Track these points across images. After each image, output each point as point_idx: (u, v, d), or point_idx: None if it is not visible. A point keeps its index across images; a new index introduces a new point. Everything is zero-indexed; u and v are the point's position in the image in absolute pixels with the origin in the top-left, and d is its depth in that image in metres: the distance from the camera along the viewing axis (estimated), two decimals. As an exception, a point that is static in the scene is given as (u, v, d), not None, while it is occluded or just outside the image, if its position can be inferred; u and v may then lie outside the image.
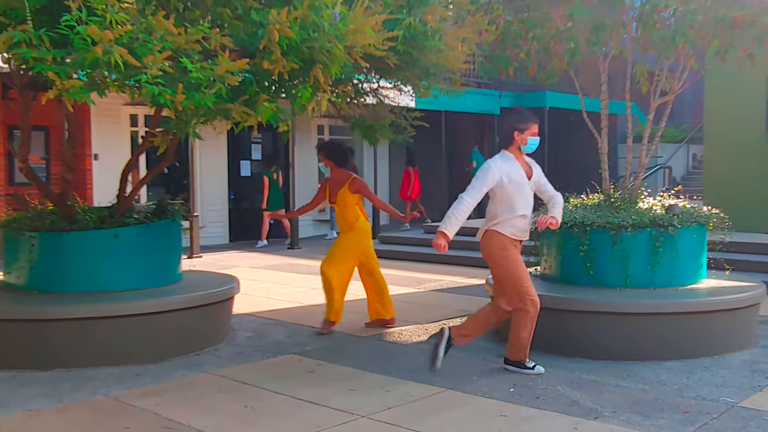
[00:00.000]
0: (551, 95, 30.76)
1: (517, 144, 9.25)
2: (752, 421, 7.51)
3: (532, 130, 9.31)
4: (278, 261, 20.35)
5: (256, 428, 7.40)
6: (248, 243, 24.26)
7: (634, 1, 11.47)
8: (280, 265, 19.38)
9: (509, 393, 8.46)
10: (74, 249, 10.24)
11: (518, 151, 9.34)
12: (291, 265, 18.41)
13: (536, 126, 9.44)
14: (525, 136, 9.18)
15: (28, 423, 7.62)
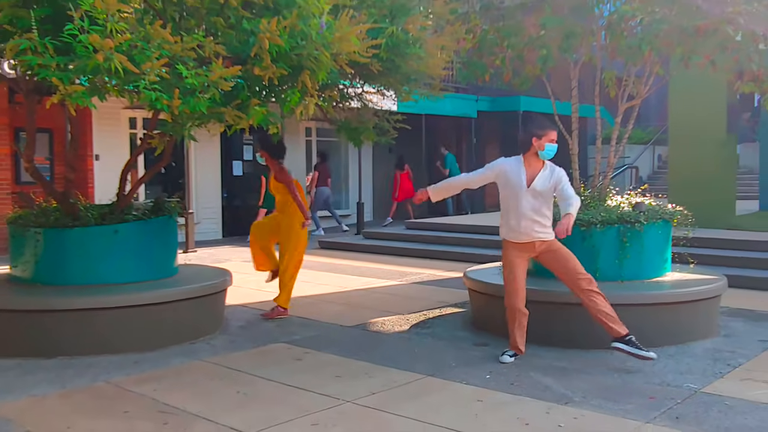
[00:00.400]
0: (525, 99, 30.87)
1: (534, 150, 9.20)
2: (714, 406, 7.54)
3: (550, 137, 9.25)
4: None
5: (248, 413, 7.40)
6: (240, 238, 23.99)
7: (602, 11, 11.52)
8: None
9: (485, 379, 8.48)
10: (76, 244, 10.26)
11: (534, 157, 9.28)
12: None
13: (554, 133, 9.39)
14: (543, 142, 9.14)
15: (33, 407, 7.63)
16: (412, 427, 6.99)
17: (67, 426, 7.05)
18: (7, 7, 8.01)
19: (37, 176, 11.11)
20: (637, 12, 11.05)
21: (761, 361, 9.29)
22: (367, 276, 16.65)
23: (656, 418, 7.21)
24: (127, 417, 7.27)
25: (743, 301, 12.79)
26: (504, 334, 10.11)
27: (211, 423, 7.12)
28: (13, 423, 7.15)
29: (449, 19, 11.72)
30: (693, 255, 12.30)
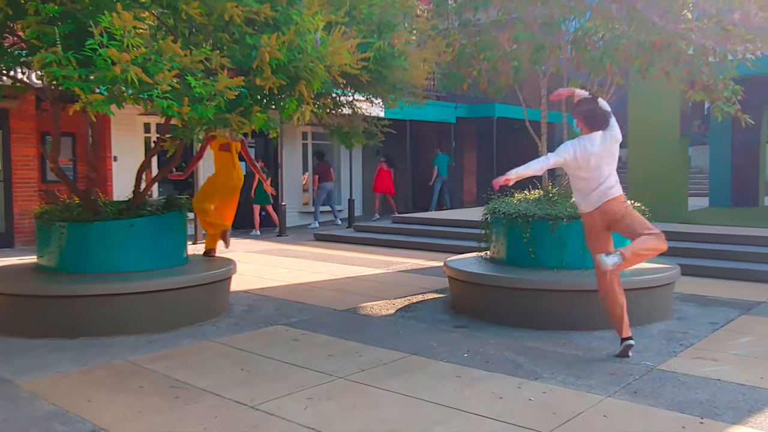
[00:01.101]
0: (499, 107, 30.76)
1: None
2: (668, 381, 7.58)
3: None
4: (269, 246, 20.33)
5: (250, 388, 7.40)
6: (243, 231, 24.11)
7: (569, 27, 11.55)
8: (270, 250, 19.37)
9: (464, 358, 8.49)
10: (97, 236, 10.27)
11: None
12: (280, 250, 18.40)
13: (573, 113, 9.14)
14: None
15: (58, 383, 7.63)
16: (398, 400, 6.99)
17: (88, 400, 7.05)
18: (35, 24, 8.02)
19: (61, 176, 11.12)
20: (600, 28, 11.20)
21: (710, 341, 9.32)
22: (357, 265, 16.62)
23: (616, 392, 7.23)
24: (142, 392, 7.28)
25: (695, 288, 12.86)
26: (480, 317, 10.33)
27: (217, 397, 7.13)
28: (39, 397, 7.16)
29: (431, 35, 11.82)
30: None
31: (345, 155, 28.52)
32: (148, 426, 6.38)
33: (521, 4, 11.33)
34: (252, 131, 8.99)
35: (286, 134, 25.70)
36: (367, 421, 6.44)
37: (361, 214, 29.39)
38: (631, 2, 10.66)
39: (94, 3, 8.11)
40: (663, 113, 20.08)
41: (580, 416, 6.57)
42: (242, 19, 8.37)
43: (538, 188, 11.97)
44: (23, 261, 13.68)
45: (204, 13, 8.36)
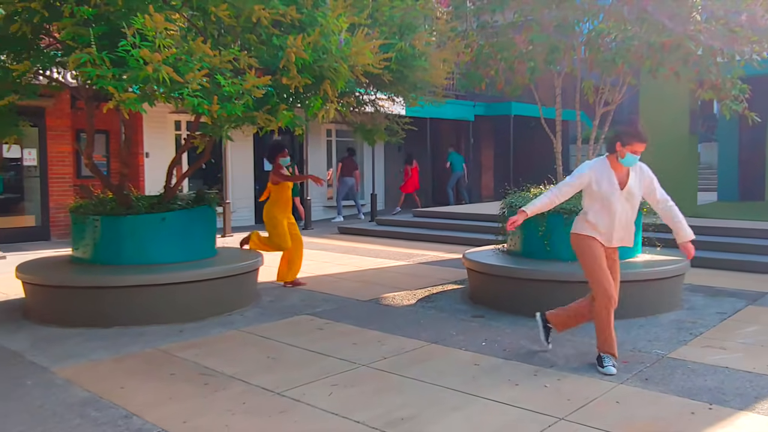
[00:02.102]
0: (516, 105, 30.80)
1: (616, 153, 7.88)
2: (678, 369, 7.55)
3: (634, 148, 7.86)
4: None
5: (276, 375, 7.41)
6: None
7: (582, 29, 11.55)
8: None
9: (481, 346, 8.47)
10: (129, 229, 10.28)
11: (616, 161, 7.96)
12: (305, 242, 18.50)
13: (641, 146, 7.95)
14: (625, 150, 7.83)
15: (92, 370, 7.64)
16: (419, 387, 6.99)
17: (120, 386, 7.06)
18: (70, 26, 8.03)
19: (95, 171, 11.11)
20: (612, 30, 11.15)
21: (719, 331, 9.29)
22: (379, 257, 16.63)
23: (628, 379, 7.21)
24: (172, 378, 7.28)
25: (703, 279, 12.84)
26: (497, 307, 10.31)
27: (244, 383, 7.14)
28: (74, 384, 7.16)
29: (450, 36, 11.85)
30: (660, 239, 12.28)
31: (368, 152, 28.57)
32: (179, 411, 6.38)
33: (537, 6, 11.32)
34: (278, 128, 9.00)
35: (311, 131, 25.82)
36: (389, 407, 6.42)
37: (383, 207, 29.41)
38: (642, 5, 10.67)
39: (127, 5, 8.13)
40: (673, 111, 20.13)
41: (593, 402, 6.55)
42: (269, 20, 8.37)
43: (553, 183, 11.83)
44: (59, 253, 13.73)
45: (232, 15, 8.37)
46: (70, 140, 20.34)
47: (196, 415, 6.29)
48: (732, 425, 5.98)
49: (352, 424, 6.05)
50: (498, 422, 6.08)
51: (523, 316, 9.81)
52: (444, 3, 13.13)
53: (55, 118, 20.03)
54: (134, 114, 8.60)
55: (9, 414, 6.36)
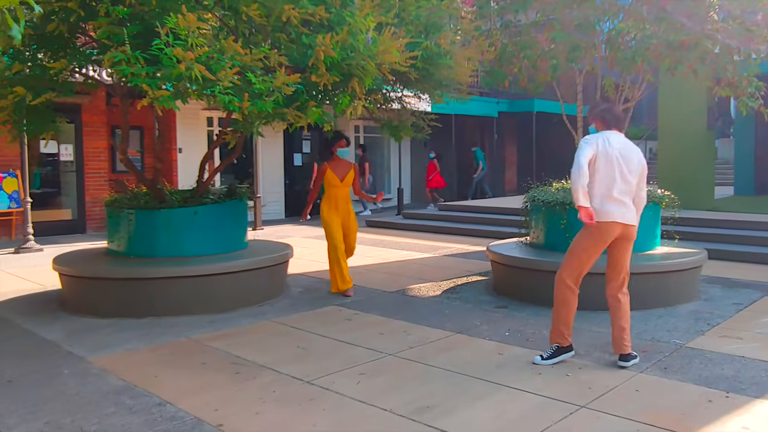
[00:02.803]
0: (538, 102, 31.04)
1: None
2: (696, 358, 7.55)
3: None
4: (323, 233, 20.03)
5: (306, 364, 7.41)
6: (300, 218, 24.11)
7: (603, 28, 11.53)
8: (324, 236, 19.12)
9: (505, 336, 8.48)
10: (163, 223, 10.29)
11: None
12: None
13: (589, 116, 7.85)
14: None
15: (126, 360, 7.66)
16: (444, 376, 7.00)
17: (154, 375, 7.08)
18: (105, 25, 8.05)
19: (130, 166, 11.17)
20: (632, 29, 11.16)
21: (735, 321, 9.28)
22: (406, 249, 16.63)
23: (648, 368, 7.21)
24: (204, 368, 7.29)
25: (720, 271, 12.83)
26: (521, 298, 10.35)
27: (275, 372, 7.15)
28: (109, 373, 7.18)
29: (474, 35, 11.87)
30: (678, 232, 12.33)
31: (394, 147, 28.68)
32: (211, 399, 6.39)
33: (558, 6, 11.33)
34: (308, 124, 9.02)
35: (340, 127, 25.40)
36: (415, 396, 6.43)
37: (409, 201, 29.48)
38: (661, 4, 10.67)
39: (161, 5, 8.15)
40: (690, 108, 20.13)
41: (613, 390, 6.55)
42: (299, 20, 8.37)
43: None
44: (94, 246, 13.78)
45: (263, 14, 8.38)
46: (106, 136, 20.46)
47: (227, 403, 6.30)
48: (748, 412, 5.98)
49: (379, 412, 6.06)
50: (521, 410, 6.08)
51: (546, 306, 9.71)
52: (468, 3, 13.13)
53: (90, 115, 20.14)
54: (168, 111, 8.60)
55: (47, 401, 6.38)
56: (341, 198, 11.07)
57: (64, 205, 20.53)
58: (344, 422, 5.86)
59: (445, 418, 5.89)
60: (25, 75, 8.93)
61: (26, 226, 16.63)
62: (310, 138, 26.54)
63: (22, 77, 8.86)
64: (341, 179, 10.96)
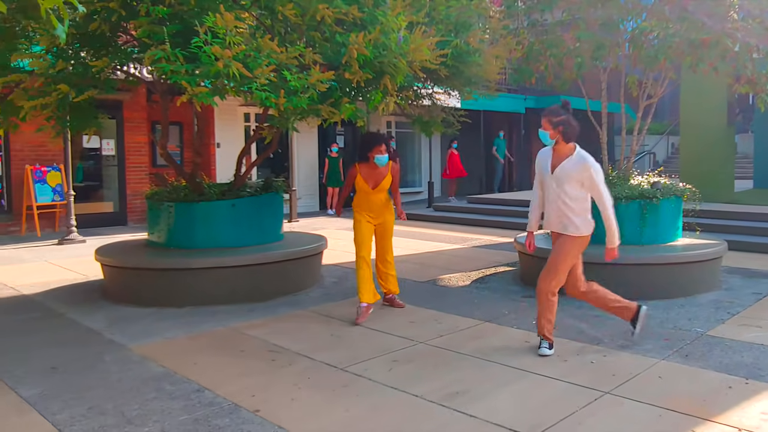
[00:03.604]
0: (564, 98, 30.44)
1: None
2: (716, 346, 7.55)
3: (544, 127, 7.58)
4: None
5: (339, 351, 7.45)
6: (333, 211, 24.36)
7: (626, 27, 11.54)
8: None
9: (532, 325, 8.41)
10: (202, 215, 10.35)
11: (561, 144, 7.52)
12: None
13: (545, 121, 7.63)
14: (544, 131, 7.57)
15: (166, 347, 7.72)
16: (473, 363, 7.02)
17: (193, 362, 7.12)
18: (146, 25, 8.09)
19: (169, 160, 11.18)
20: (654, 28, 11.15)
21: (755, 310, 9.28)
22: (436, 241, 16.64)
23: (670, 356, 7.21)
24: (242, 355, 7.33)
25: (740, 262, 12.85)
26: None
27: (309, 359, 7.18)
28: (150, 360, 7.23)
29: (502, 34, 11.86)
30: (699, 224, 12.42)
31: (425, 142, 28.61)
32: (248, 385, 6.42)
33: (583, 6, 11.34)
34: (341, 120, 9.02)
35: (372, 123, 26.01)
36: (445, 382, 6.44)
37: (439, 195, 29.51)
38: (683, 4, 10.68)
39: (200, 5, 8.20)
40: (711, 104, 20.18)
41: (637, 377, 6.55)
42: (332, 19, 8.40)
43: None
44: (135, 237, 13.95)
45: (298, 13, 8.40)
46: (146, 131, 20.58)
47: (264, 390, 6.33)
48: (767, 398, 5.97)
49: (410, 398, 6.07)
50: (548, 396, 6.09)
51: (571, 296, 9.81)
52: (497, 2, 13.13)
53: (131, 111, 20.27)
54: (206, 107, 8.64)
55: (90, 388, 6.42)
56: (374, 202, 9.53)
57: (105, 198, 20.64)
58: (377, 408, 5.88)
59: (474, 404, 5.90)
60: (68, 73, 8.96)
61: (69, 219, 16.79)
62: (344, 133, 26.60)
63: (65, 75, 8.90)
64: (373, 186, 9.45)
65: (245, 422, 5.57)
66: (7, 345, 7.95)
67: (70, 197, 16.89)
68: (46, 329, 8.67)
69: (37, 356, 7.47)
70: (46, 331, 8.60)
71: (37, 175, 18.01)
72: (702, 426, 5.38)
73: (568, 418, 5.54)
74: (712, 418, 5.52)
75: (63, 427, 5.48)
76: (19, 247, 15.91)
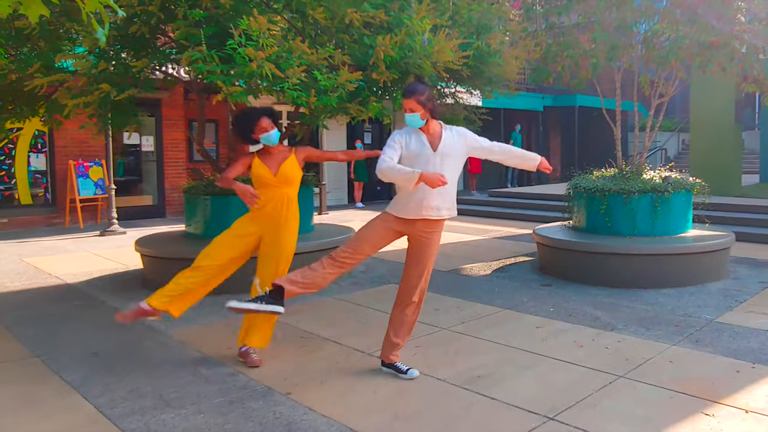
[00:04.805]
0: (580, 97, 31.23)
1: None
2: (725, 332, 7.56)
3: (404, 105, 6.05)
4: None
5: (365, 337, 7.49)
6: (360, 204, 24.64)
7: (639, 29, 11.58)
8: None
9: (549, 312, 8.50)
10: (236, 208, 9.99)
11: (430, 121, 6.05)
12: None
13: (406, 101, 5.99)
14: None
15: (204, 332, 7.80)
16: (494, 348, 7.05)
17: (228, 347, 7.16)
18: (183, 27, 8.11)
19: (206, 156, 11.16)
20: (666, 30, 11.18)
21: (761, 298, 9.29)
22: (458, 233, 16.62)
23: (680, 341, 7.23)
24: (275, 340, 7.26)
25: (747, 252, 12.90)
26: (564, 277, 10.48)
27: (338, 345, 7.23)
28: (187, 345, 7.30)
29: (522, 36, 11.94)
30: (708, 216, 12.51)
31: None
32: (280, 369, 6.46)
33: (599, 9, 11.38)
34: (369, 118, 9.03)
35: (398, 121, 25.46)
36: (468, 366, 6.47)
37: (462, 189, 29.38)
38: (693, 7, 10.72)
39: (234, 8, 8.22)
40: (720, 103, 20.26)
41: (649, 362, 6.57)
42: (360, 22, 8.40)
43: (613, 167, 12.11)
44: (173, 229, 14.00)
45: (328, 17, 8.41)
46: (183, 128, 20.68)
47: (295, 373, 6.37)
48: (774, 383, 6.01)
49: (434, 381, 6.11)
50: (565, 379, 6.11)
51: (587, 285, 10.02)
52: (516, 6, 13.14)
53: (169, 109, 20.37)
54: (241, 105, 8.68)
55: (130, 372, 6.48)
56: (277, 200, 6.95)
57: (145, 191, 20.77)
58: (402, 391, 5.90)
59: (495, 387, 5.93)
60: (109, 73, 8.99)
61: (111, 211, 16.90)
62: (371, 130, 26.63)
63: (106, 75, 8.93)
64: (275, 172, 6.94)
65: (277, 404, 5.61)
66: (52, 331, 8.01)
67: (111, 191, 17.00)
68: (88, 316, 8.72)
69: (79, 342, 7.52)
70: (89, 318, 8.64)
71: (80, 170, 18.16)
72: (711, 407, 5.40)
73: (585, 400, 5.57)
74: (720, 401, 5.54)
75: (104, 410, 5.53)
76: (63, 239, 16.00)
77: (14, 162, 17.99)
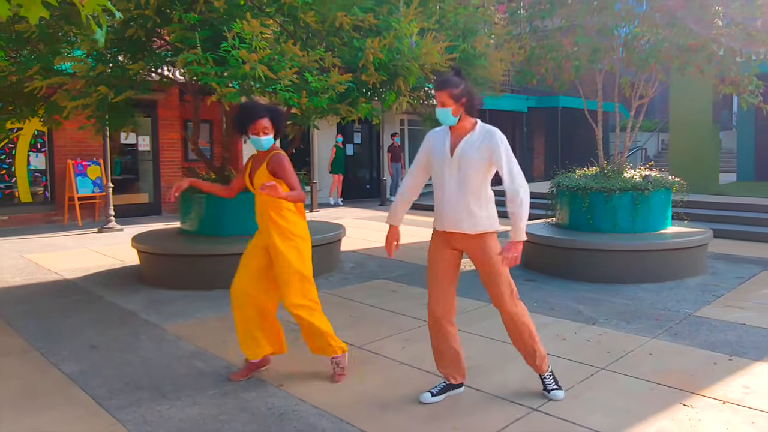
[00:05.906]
0: (563, 98, 31.35)
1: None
2: (703, 325, 7.59)
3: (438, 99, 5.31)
4: (372, 214, 20.59)
5: (357, 331, 7.48)
6: (351, 202, 24.70)
7: (620, 33, 11.60)
8: (373, 217, 19.55)
9: (533, 306, 8.47)
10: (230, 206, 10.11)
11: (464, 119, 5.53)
12: (381, 217, 18.53)
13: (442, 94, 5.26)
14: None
15: (197, 327, 7.74)
16: (480, 341, 7.06)
17: (222, 341, 7.14)
18: (179, 30, 8.12)
19: (200, 155, 11.17)
20: (646, 33, 11.24)
21: (738, 293, 9.32)
22: (445, 229, 16.46)
23: (660, 334, 7.25)
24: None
25: (725, 248, 12.97)
26: (547, 272, 10.47)
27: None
28: (182, 339, 7.27)
29: (506, 39, 11.93)
30: (687, 214, 12.59)
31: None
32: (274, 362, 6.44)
33: (581, 13, 11.39)
34: (358, 118, 9.07)
35: (387, 121, 26.07)
36: (455, 359, 6.47)
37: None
38: (672, 11, 10.77)
39: (228, 12, 8.24)
40: (698, 104, 20.39)
41: (630, 354, 6.59)
42: (350, 25, 8.42)
43: (595, 166, 12.12)
44: (169, 226, 13.89)
45: (319, 21, 8.43)
46: (179, 129, 20.68)
47: (288, 366, 6.38)
48: (749, 373, 6.02)
49: (422, 373, 6.14)
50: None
51: (570, 280, 10.04)
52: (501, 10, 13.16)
53: (165, 110, 20.38)
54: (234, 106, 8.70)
55: (127, 364, 6.46)
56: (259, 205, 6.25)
57: (141, 189, 20.74)
58: (392, 383, 5.92)
59: (482, 378, 5.98)
60: (107, 75, 8.99)
61: (108, 209, 16.89)
62: (360, 130, 26.70)
63: (104, 77, 8.92)
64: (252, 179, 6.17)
65: (270, 395, 5.61)
66: (51, 326, 7.98)
67: (108, 189, 17.00)
68: (87, 311, 8.69)
69: (78, 336, 7.50)
70: (87, 312, 8.61)
71: (78, 168, 18.16)
72: (690, 398, 5.41)
73: (568, 392, 5.57)
74: (699, 392, 5.55)
75: (102, 401, 5.52)
76: (61, 235, 15.98)
77: (14, 161, 17.98)
